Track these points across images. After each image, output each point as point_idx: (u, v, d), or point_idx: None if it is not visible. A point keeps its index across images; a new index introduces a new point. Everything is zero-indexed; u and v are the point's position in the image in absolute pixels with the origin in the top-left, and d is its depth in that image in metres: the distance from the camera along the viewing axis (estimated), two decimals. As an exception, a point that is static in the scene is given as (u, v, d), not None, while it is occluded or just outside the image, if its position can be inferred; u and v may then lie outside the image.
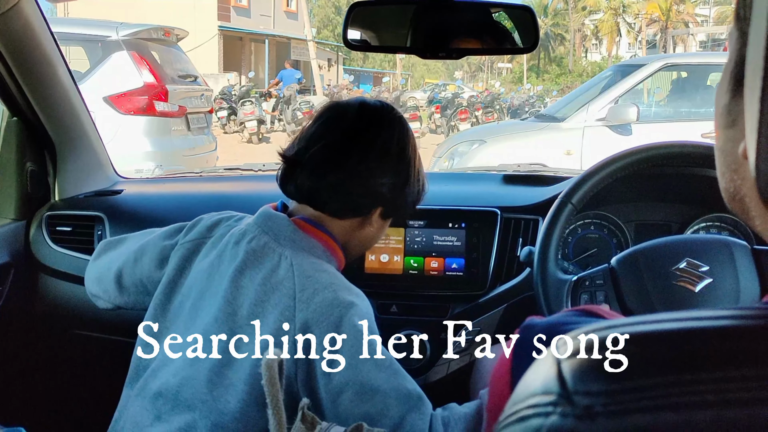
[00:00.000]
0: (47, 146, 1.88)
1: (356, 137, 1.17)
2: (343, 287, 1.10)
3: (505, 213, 1.66)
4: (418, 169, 1.23)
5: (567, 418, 0.40)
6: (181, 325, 1.17)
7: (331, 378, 1.04)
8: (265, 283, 1.11)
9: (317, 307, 1.06)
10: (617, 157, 1.37)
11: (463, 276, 1.63)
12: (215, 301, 1.13)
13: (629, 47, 48.49)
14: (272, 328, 1.07)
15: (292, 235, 1.15)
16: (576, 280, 1.31)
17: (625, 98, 5.72)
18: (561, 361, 0.43)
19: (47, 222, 1.85)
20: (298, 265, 1.11)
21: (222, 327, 1.10)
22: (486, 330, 1.60)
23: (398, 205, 1.21)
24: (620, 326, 0.43)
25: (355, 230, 1.21)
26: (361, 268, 1.64)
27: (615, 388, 0.39)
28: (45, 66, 1.72)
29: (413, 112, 13.95)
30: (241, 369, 1.07)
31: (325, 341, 1.04)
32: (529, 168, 2.10)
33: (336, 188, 1.16)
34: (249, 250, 1.15)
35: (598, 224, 1.68)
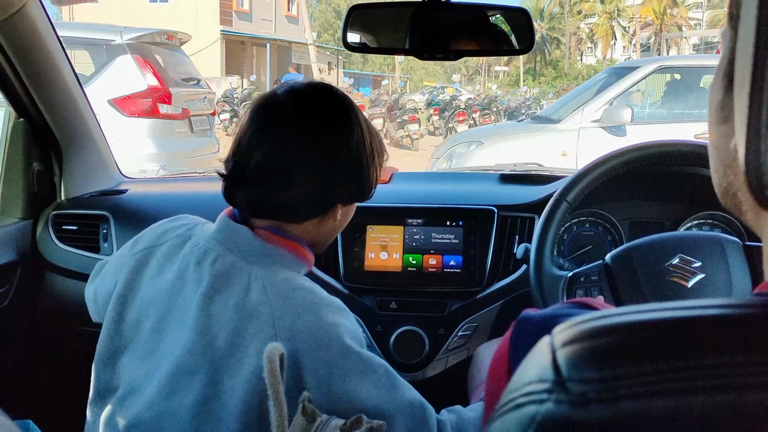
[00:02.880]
0: (53, 147, 1.88)
1: (298, 137, 1.04)
2: (323, 304, 1.01)
3: (501, 211, 1.66)
4: (371, 142, 1.11)
5: (561, 405, 0.40)
6: (140, 347, 1.09)
7: (326, 405, 0.96)
8: (239, 311, 1.00)
9: (302, 334, 0.97)
10: (611, 156, 1.37)
11: (460, 273, 1.63)
12: (184, 329, 1.04)
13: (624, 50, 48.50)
14: (257, 360, 0.97)
15: (260, 251, 1.05)
16: (571, 276, 1.31)
17: (620, 100, 5.73)
18: (556, 350, 0.43)
19: (53, 221, 1.85)
20: (271, 285, 1.01)
21: (200, 360, 1.01)
22: (483, 325, 1.61)
23: (360, 192, 1.12)
24: (613, 315, 0.44)
25: (318, 227, 1.11)
26: (361, 266, 1.65)
27: (608, 375, 0.40)
28: (51, 68, 1.72)
29: (412, 114, 13.95)
30: (230, 403, 0.99)
31: (316, 369, 0.97)
32: (525, 168, 2.11)
33: (289, 198, 1.05)
34: (214, 272, 1.04)
35: (593, 222, 1.68)
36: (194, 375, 1.01)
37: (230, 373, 0.99)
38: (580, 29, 50.18)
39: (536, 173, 1.97)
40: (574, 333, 0.43)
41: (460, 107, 16.37)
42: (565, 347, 0.43)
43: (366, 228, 1.67)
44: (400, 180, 1.92)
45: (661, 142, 1.37)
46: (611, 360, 0.40)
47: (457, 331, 1.61)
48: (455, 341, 1.61)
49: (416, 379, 1.62)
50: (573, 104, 6.09)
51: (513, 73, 46.96)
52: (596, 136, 5.50)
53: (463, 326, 1.61)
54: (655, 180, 1.63)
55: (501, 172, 1.96)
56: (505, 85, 40.24)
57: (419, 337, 1.61)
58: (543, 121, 6.20)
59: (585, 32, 50.24)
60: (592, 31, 48.80)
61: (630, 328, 0.42)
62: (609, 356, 0.41)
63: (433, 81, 41.01)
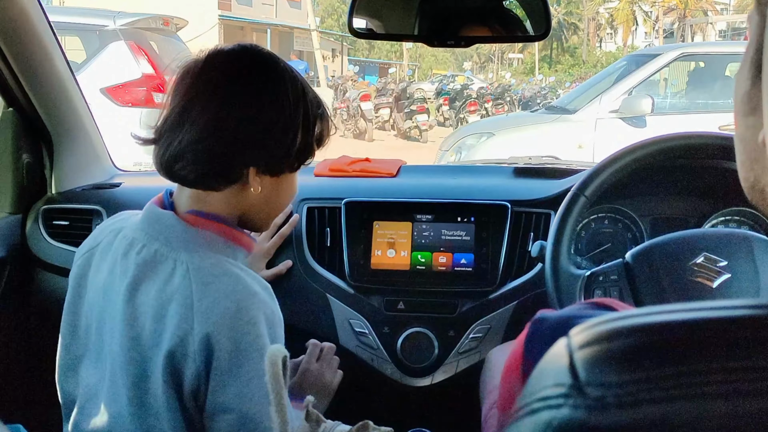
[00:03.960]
0: (44, 138, 1.89)
1: (203, 88, 1.05)
2: (246, 294, 1.02)
3: (515, 207, 1.66)
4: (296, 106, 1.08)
5: (578, 410, 0.40)
6: (93, 352, 1.12)
7: (216, 396, 1.00)
8: (160, 295, 1.03)
9: (218, 319, 0.99)
10: (633, 149, 1.37)
11: (472, 272, 1.63)
12: (115, 324, 1.07)
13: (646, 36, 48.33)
14: (172, 342, 1.00)
15: (184, 235, 1.07)
16: (589, 276, 1.31)
17: (640, 89, 5.70)
18: (573, 352, 0.43)
19: (44, 216, 1.86)
20: (195, 270, 1.03)
21: (132, 353, 1.04)
22: (496, 327, 1.61)
23: (276, 158, 1.08)
24: (633, 316, 0.44)
25: (239, 198, 1.10)
26: (367, 264, 1.65)
27: (627, 379, 0.40)
28: (41, 55, 1.72)
29: (421, 104, 13.94)
30: (158, 394, 1.02)
31: (222, 358, 0.99)
32: (540, 161, 2.11)
33: (186, 149, 1.03)
34: (140, 261, 1.06)
35: (613, 218, 1.68)
36: (128, 371, 1.04)
37: (156, 362, 1.02)
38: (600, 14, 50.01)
39: (552, 167, 1.97)
40: (593, 335, 0.44)
41: (471, 97, 16.35)
42: (583, 349, 0.43)
43: (372, 224, 1.67)
44: (408, 173, 1.92)
45: (686, 134, 1.37)
46: (631, 363, 0.41)
47: (468, 334, 1.61)
48: (466, 344, 1.61)
49: (425, 384, 1.62)
50: (590, 94, 6.06)
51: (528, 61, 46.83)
52: (614, 127, 5.48)
53: (475, 328, 1.61)
54: (678, 174, 1.62)
55: (515, 166, 1.95)
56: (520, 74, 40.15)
57: (428, 339, 1.61)
58: (558, 111, 6.18)
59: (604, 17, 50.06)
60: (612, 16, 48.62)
61: (651, 329, 0.43)
62: (629, 359, 0.41)
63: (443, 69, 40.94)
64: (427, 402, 1.72)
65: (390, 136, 15.08)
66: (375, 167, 1.91)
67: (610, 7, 48.81)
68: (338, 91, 16.95)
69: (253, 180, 1.07)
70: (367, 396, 1.80)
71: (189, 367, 0.99)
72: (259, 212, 1.15)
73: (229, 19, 25.50)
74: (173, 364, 1.00)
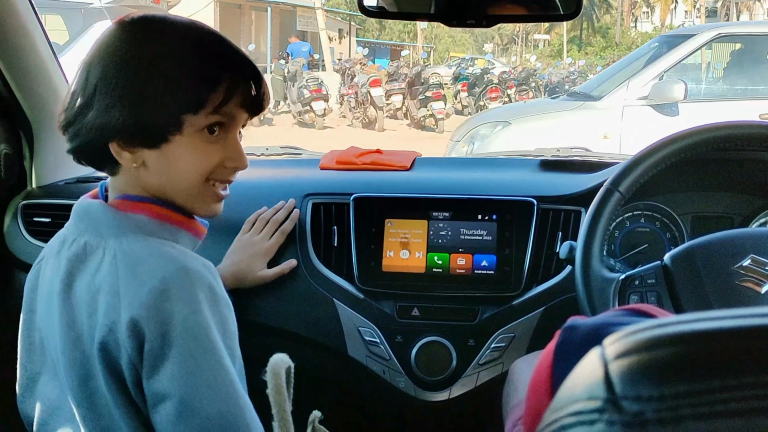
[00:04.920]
0: (23, 127, 1.90)
1: (85, 61, 1.10)
2: (176, 271, 1.03)
3: (542, 203, 1.66)
4: (154, 67, 1.06)
5: (614, 426, 0.40)
6: (50, 366, 1.15)
7: (151, 384, 1.01)
8: (90, 288, 1.06)
9: (143, 301, 1.00)
10: (672, 140, 1.37)
11: (494, 275, 1.63)
12: (55, 328, 1.10)
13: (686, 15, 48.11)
14: (102, 333, 1.02)
15: (112, 222, 1.09)
16: (624, 279, 1.31)
17: (672, 73, 5.67)
18: (608, 363, 0.43)
19: (23, 212, 1.87)
20: (122, 254, 1.05)
21: (72, 354, 1.06)
22: (520, 336, 1.61)
23: (131, 125, 1.06)
24: (674, 324, 0.44)
25: (139, 177, 1.11)
26: (378, 266, 1.65)
27: (668, 393, 0.40)
28: (21, 36, 1.73)
29: (437, 90, 13.94)
30: (103, 391, 1.04)
31: (152, 340, 1.00)
32: (569, 153, 2.10)
33: (64, 134, 1.10)
34: (70, 257, 1.09)
35: (649, 216, 1.67)
36: (72, 374, 1.06)
37: (95, 358, 1.03)
38: (635, -10, 49.80)
39: (582, 159, 1.96)
40: (629, 344, 0.44)
41: (492, 82, 16.34)
42: (619, 360, 0.43)
43: (384, 222, 1.67)
44: (423, 166, 1.93)
45: (731, 123, 1.36)
46: (672, 375, 0.41)
47: (489, 343, 1.61)
48: (488, 354, 1.61)
49: (441, 399, 1.63)
50: (617, 78, 6.05)
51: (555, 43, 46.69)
52: (643, 115, 5.46)
53: (497, 337, 1.61)
54: (722, 168, 1.62)
55: (541, 158, 1.95)
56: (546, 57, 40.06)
57: (445, 349, 1.61)
58: (581, 97, 6.16)
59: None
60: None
61: (694, 338, 0.43)
62: (669, 370, 0.41)
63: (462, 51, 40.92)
64: (444, 418, 1.73)
65: (402, 125, 15.09)
66: (387, 160, 1.91)
67: (647, -18, 48.67)
68: (346, 75, 16.97)
69: (120, 156, 1.08)
70: (379, 411, 1.81)
71: (122, 357, 1.01)
72: (167, 190, 1.13)
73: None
74: (107, 357, 1.02)
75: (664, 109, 5.45)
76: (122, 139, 1.07)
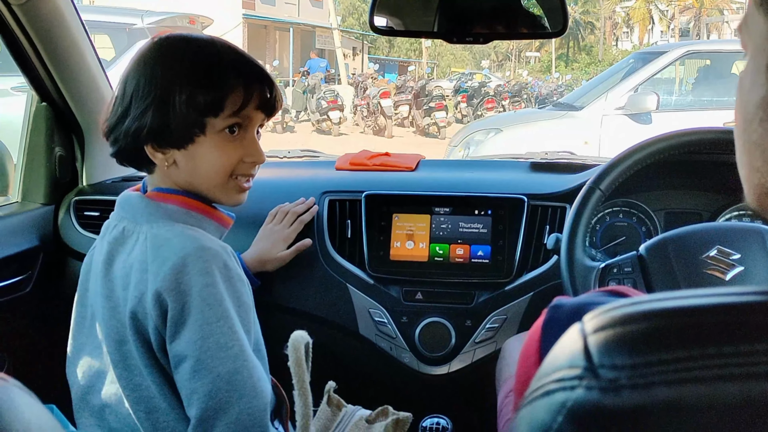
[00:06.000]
0: (75, 132, 1.91)
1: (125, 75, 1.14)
2: (195, 248, 1.05)
3: (532, 200, 1.66)
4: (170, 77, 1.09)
5: (592, 391, 0.41)
6: (96, 337, 1.17)
7: (173, 347, 1.04)
8: (125, 265, 1.10)
9: (166, 275, 1.03)
10: (648, 143, 1.36)
11: (489, 263, 1.63)
12: (98, 300, 1.14)
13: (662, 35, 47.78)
14: (132, 303, 1.06)
15: (146, 210, 1.13)
16: (604, 268, 1.31)
17: (645, 86, 5.65)
18: (587, 336, 0.43)
19: (75, 207, 1.88)
20: (152, 236, 1.09)
21: (111, 322, 1.11)
22: (512, 318, 1.61)
23: (155, 129, 1.09)
24: (646, 302, 0.44)
25: (171, 174, 1.15)
26: (387, 255, 1.65)
27: (640, 362, 0.40)
28: (73, 52, 1.75)
29: (439, 101, 13.91)
30: (134, 353, 1.08)
31: (174, 309, 1.03)
32: (556, 156, 2.10)
33: (107, 140, 1.15)
34: (111, 240, 1.14)
35: (627, 212, 1.67)
36: (111, 338, 1.10)
37: (128, 325, 1.07)
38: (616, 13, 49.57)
39: (568, 161, 1.96)
40: (606, 319, 0.44)
41: (489, 94, 16.33)
42: (597, 333, 0.43)
43: (391, 216, 1.67)
44: (426, 168, 1.93)
45: (701, 129, 1.36)
46: (644, 346, 0.41)
47: (484, 324, 1.61)
48: (483, 334, 1.61)
49: (442, 372, 1.63)
50: (596, 91, 6.03)
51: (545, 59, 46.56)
52: (620, 124, 5.45)
53: (491, 318, 1.61)
54: (692, 169, 1.61)
55: (531, 160, 1.95)
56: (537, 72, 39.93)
57: (445, 328, 1.62)
58: (565, 107, 6.15)
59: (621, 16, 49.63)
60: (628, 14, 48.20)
61: (663, 314, 0.43)
62: (641, 342, 0.41)
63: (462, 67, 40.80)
64: (444, 390, 1.73)
65: (409, 132, 15.06)
66: (394, 161, 1.91)
67: (627, 6, 48.37)
68: (359, 88, 16.96)
69: (154, 156, 1.12)
70: (386, 383, 1.81)
71: (149, 324, 1.05)
72: (195, 184, 1.16)
73: (253, 18, 25.57)
74: (137, 324, 1.06)
75: (638, 118, 5.44)
76: (155, 141, 1.10)
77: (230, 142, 1.13)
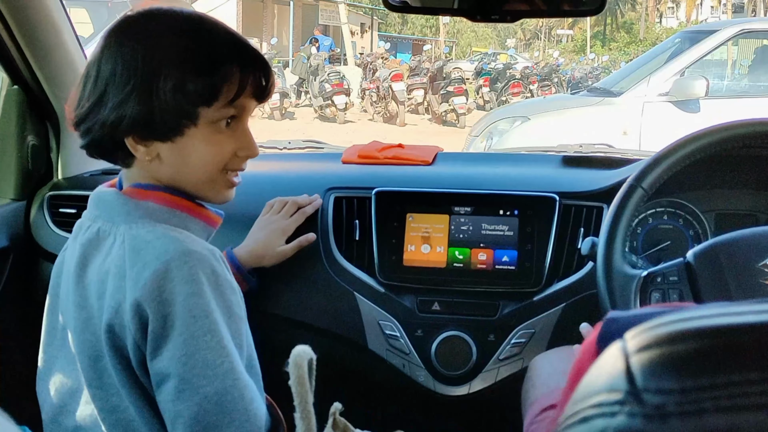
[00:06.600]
0: (50, 118, 1.92)
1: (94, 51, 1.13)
2: (179, 253, 1.05)
3: (564, 199, 1.66)
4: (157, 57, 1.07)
5: (635, 419, 0.41)
6: (67, 350, 1.18)
7: (154, 364, 1.04)
8: (100, 271, 1.10)
9: (146, 282, 1.02)
10: (697, 136, 1.36)
11: (515, 270, 1.63)
12: (70, 310, 1.14)
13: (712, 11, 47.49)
14: (108, 315, 1.06)
15: (124, 208, 1.12)
16: (646, 276, 1.31)
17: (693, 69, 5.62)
18: (629, 356, 0.43)
19: (49, 203, 1.89)
20: (130, 238, 1.08)
21: (84, 335, 1.11)
22: (540, 332, 1.61)
23: (137, 119, 1.07)
24: (696, 318, 0.44)
25: (154, 168, 1.14)
26: (399, 260, 1.66)
27: (689, 386, 0.40)
28: (49, 29, 1.75)
29: (458, 85, 13.88)
30: (111, 371, 1.08)
31: (155, 321, 1.02)
32: (592, 149, 2.10)
33: (77, 129, 1.13)
34: (84, 242, 1.14)
35: (673, 213, 1.67)
36: (84, 354, 1.11)
37: (103, 340, 1.07)
38: (660, -15, 49.31)
39: (606, 155, 1.96)
40: (651, 337, 0.44)
41: (515, 77, 16.30)
42: (641, 353, 0.43)
43: (405, 216, 1.68)
44: (444, 161, 1.93)
45: (756, 120, 1.35)
46: (694, 368, 0.41)
47: (510, 338, 1.61)
48: (508, 350, 1.61)
49: (461, 393, 1.63)
50: (637, 74, 5.99)
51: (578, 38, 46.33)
52: (663, 111, 5.41)
53: (517, 333, 1.61)
54: (748, 165, 1.61)
55: (563, 154, 1.95)
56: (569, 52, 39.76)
57: (465, 344, 1.62)
58: (601, 93, 6.11)
59: (666, -11, 49.35)
60: (674, -13, 47.92)
61: (716, 332, 0.43)
62: (691, 363, 0.41)
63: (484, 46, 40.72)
64: (464, 413, 1.73)
65: (424, 120, 15.06)
66: (408, 154, 1.91)
67: (673, -23, 48.17)
68: (367, 69, 16.96)
69: (135, 149, 1.10)
70: (398, 405, 1.81)
71: (128, 338, 1.05)
72: (179, 180, 1.16)
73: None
74: (113, 338, 1.06)
75: (685, 106, 5.39)
76: (137, 133, 1.09)
77: (222, 134, 1.13)
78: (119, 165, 1.17)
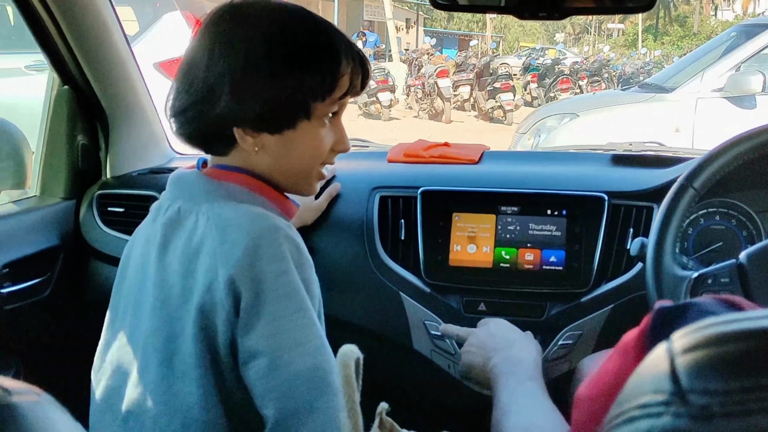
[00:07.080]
0: (100, 119, 1.96)
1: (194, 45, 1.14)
2: (267, 229, 1.08)
3: (613, 199, 1.65)
4: (273, 51, 1.10)
5: (680, 419, 0.41)
6: (128, 329, 1.20)
7: (245, 341, 1.06)
8: (186, 251, 1.11)
9: (238, 259, 1.05)
10: (752, 134, 1.34)
11: (562, 271, 1.63)
12: (148, 290, 1.16)
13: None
14: (200, 294, 1.08)
15: (205, 188, 1.15)
16: (697, 278, 1.30)
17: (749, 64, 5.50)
18: (675, 356, 0.44)
19: (98, 202, 1.93)
20: (215, 216, 1.10)
21: (159, 313, 1.13)
22: (588, 334, 1.60)
23: (258, 115, 1.11)
24: (743, 320, 0.45)
25: (252, 159, 1.16)
26: (445, 260, 1.66)
27: (735, 387, 0.41)
28: (99, 29, 1.79)
29: (505, 81, 13.81)
30: (188, 353, 1.09)
31: (247, 299, 1.05)
32: (642, 147, 2.08)
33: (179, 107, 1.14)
34: (165, 222, 1.16)
35: (725, 214, 1.65)
36: (157, 333, 1.12)
37: (185, 320, 1.09)
38: (716, -23, 48.39)
39: (656, 154, 1.94)
40: (698, 338, 0.44)
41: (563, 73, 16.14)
42: (686, 354, 0.44)
43: (451, 216, 1.68)
44: (491, 160, 1.93)
45: (813, 118, 1.34)
46: (740, 369, 0.41)
47: (557, 340, 1.61)
48: (555, 351, 1.61)
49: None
50: (691, 69, 5.89)
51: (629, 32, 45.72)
52: (718, 108, 5.32)
53: (565, 334, 1.61)
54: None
55: (613, 152, 1.94)
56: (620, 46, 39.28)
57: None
58: (652, 89, 6.03)
59: (721, -19, 48.42)
60: (730, -21, 46.99)
61: (761, 334, 0.43)
62: (737, 365, 0.42)
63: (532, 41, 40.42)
64: (510, 415, 1.73)
65: (470, 117, 15.00)
66: (455, 153, 1.92)
67: (729, -32, 47.25)
68: (413, 66, 16.94)
69: (243, 140, 1.13)
70: (444, 406, 1.82)
71: (219, 316, 1.07)
72: (276, 170, 1.19)
73: (293, -14, 25.68)
74: (205, 317, 1.08)
75: (740, 102, 5.30)
76: (251, 125, 1.12)
77: (325, 128, 1.17)
78: (212, 153, 1.20)
